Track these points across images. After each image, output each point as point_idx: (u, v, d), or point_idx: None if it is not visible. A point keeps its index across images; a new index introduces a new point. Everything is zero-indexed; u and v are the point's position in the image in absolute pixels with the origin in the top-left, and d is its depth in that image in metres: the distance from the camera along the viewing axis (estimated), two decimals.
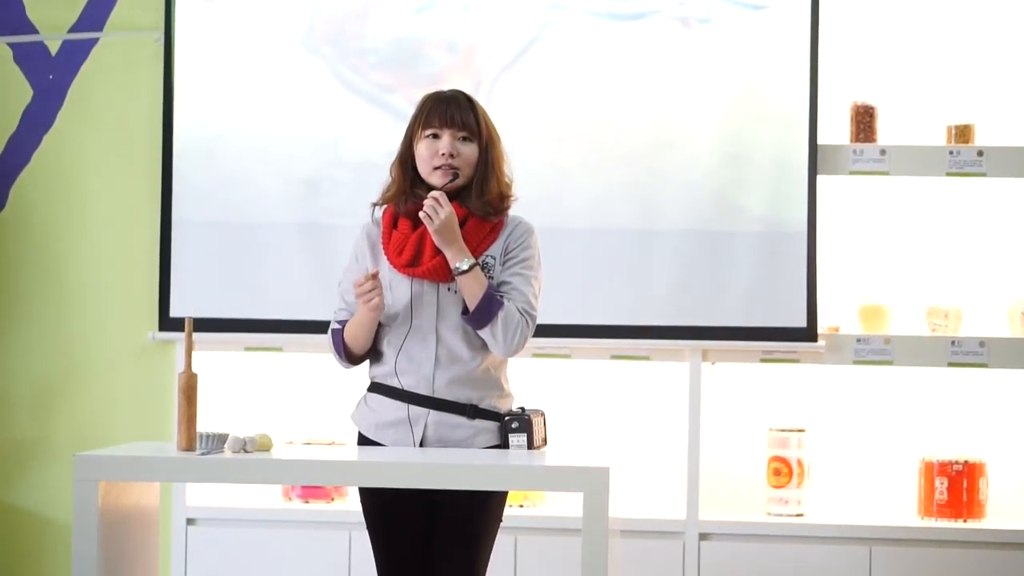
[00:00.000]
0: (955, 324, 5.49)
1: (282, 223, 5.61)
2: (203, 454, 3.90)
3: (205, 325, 5.45)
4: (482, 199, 4.06)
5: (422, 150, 4.08)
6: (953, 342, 5.43)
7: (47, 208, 5.80)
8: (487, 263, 4.06)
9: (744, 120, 5.48)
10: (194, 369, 3.99)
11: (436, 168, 4.05)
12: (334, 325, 4.15)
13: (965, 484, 5.41)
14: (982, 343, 5.42)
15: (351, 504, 5.62)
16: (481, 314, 3.98)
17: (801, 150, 5.44)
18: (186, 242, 5.64)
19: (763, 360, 5.49)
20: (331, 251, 5.56)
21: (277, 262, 5.60)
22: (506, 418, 4.07)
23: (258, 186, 5.63)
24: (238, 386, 5.73)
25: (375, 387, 4.14)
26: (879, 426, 5.66)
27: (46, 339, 5.79)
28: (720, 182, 5.48)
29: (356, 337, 4.10)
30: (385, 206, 4.17)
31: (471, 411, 4.06)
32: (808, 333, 5.42)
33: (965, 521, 5.41)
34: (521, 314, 4.01)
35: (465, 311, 4.02)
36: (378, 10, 5.62)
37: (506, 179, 4.12)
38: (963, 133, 5.47)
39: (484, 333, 4.01)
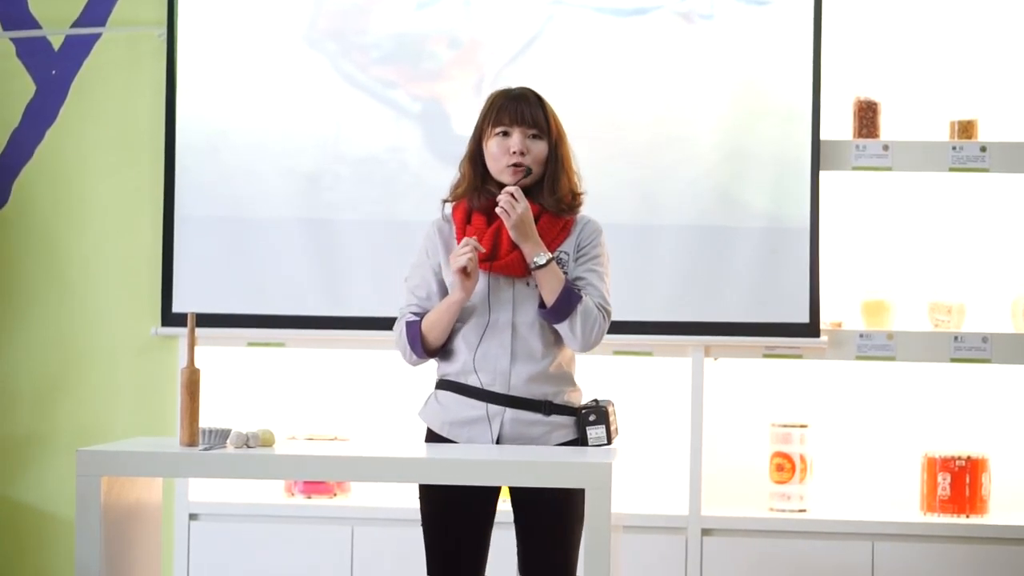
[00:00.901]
0: (958, 320, 5.49)
1: (284, 218, 5.61)
2: (205, 449, 3.91)
3: (208, 320, 5.45)
4: (554, 196, 4.08)
5: (492, 148, 4.08)
6: (956, 338, 5.43)
7: (50, 203, 5.80)
8: (561, 259, 4.08)
9: (746, 116, 5.47)
10: (197, 364, 4.00)
11: (508, 166, 4.06)
12: (408, 318, 4.13)
13: (968, 480, 5.41)
14: (985, 339, 5.42)
15: (353, 500, 5.63)
16: (560, 308, 3.99)
17: (804, 146, 5.44)
18: (189, 237, 5.64)
19: (766, 355, 5.49)
20: (333, 246, 5.57)
21: (279, 257, 5.60)
22: (583, 411, 4.08)
23: (260, 181, 5.63)
24: (240, 381, 5.74)
25: (447, 384, 4.14)
26: (882, 421, 5.66)
27: (48, 334, 5.80)
28: (723, 178, 5.48)
29: (436, 324, 4.08)
30: (455, 203, 4.16)
31: (547, 407, 4.07)
32: (811, 328, 5.42)
33: (968, 517, 5.41)
34: (598, 309, 4.03)
35: (542, 305, 4.02)
36: (380, 5, 5.62)
37: (575, 176, 4.14)
38: (966, 128, 5.47)
39: (562, 327, 4.02)
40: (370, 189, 5.60)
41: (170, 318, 5.64)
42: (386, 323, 5.49)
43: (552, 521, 4.02)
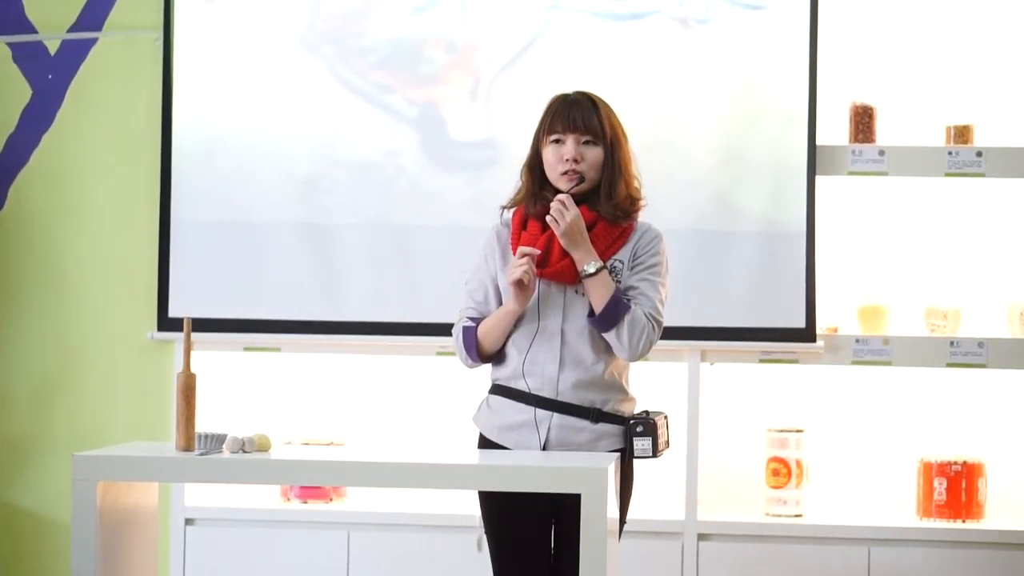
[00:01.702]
0: (954, 324, 5.49)
1: (281, 222, 5.60)
2: (202, 454, 3.90)
3: (204, 325, 5.46)
4: (611, 201, 4.08)
5: (548, 155, 4.10)
6: (952, 342, 5.43)
7: (46, 208, 5.80)
8: (615, 267, 4.08)
9: (743, 120, 5.48)
10: (193, 369, 4.00)
11: (563, 174, 4.07)
12: (465, 323, 4.15)
13: (964, 484, 5.41)
14: (981, 343, 5.42)
15: (349, 504, 5.62)
16: (607, 317, 4.00)
17: (800, 150, 5.44)
18: (185, 242, 5.64)
19: (762, 360, 5.49)
20: (330, 250, 5.57)
21: (276, 262, 5.60)
22: (631, 422, 4.08)
23: (257, 185, 5.62)
24: (236, 386, 5.73)
25: (498, 389, 4.15)
26: (878, 426, 5.66)
27: (45, 338, 5.79)
28: (719, 182, 5.48)
29: (491, 331, 4.10)
30: (514, 209, 4.17)
31: (595, 415, 4.07)
32: (807, 333, 5.42)
33: (964, 521, 5.41)
34: (647, 319, 4.02)
35: (591, 313, 4.02)
36: (377, 10, 5.62)
37: (635, 181, 4.14)
38: (962, 133, 5.47)
39: (609, 336, 4.03)
40: (367, 193, 5.59)
41: (166, 322, 5.64)
42: (382, 328, 5.53)
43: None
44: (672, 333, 5.41)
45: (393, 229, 5.57)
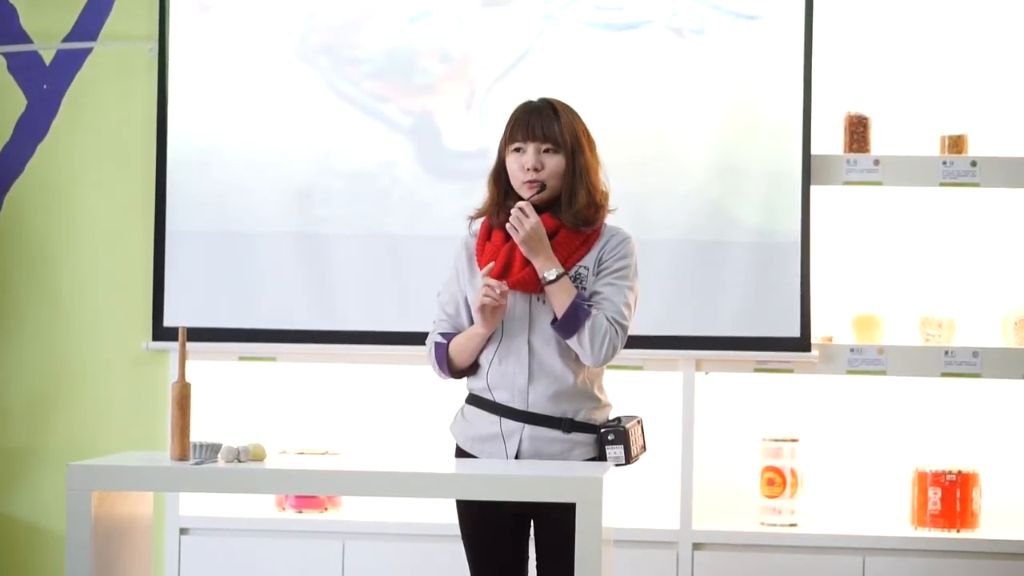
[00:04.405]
0: (948, 334, 5.49)
1: (276, 233, 5.60)
2: (196, 464, 3.90)
3: (199, 335, 5.45)
4: (571, 209, 4.06)
5: (511, 164, 4.10)
6: (946, 352, 5.43)
7: (41, 218, 5.80)
8: (580, 274, 4.06)
9: (738, 130, 5.48)
10: (187, 379, 4.00)
11: (525, 182, 4.06)
12: (436, 338, 4.15)
13: (958, 494, 5.41)
14: (975, 353, 5.42)
15: (344, 514, 5.62)
16: (568, 322, 3.99)
17: (795, 160, 5.45)
18: (180, 252, 5.64)
19: (757, 370, 5.49)
20: (325, 261, 5.57)
21: (271, 272, 5.60)
22: (602, 431, 4.07)
23: (252, 196, 5.63)
24: (231, 396, 5.73)
25: (472, 399, 4.15)
26: (872, 436, 5.66)
27: (40, 348, 5.79)
28: (714, 192, 5.48)
29: (461, 351, 4.10)
30: (482, 219, 4.17)
31: (567, 425, 4.06)
32: (802, 343, 5.42)
33: (958, 531, 5.41)
34: (610, 323, 4.00)
35: (554, 320, 4.02)
36: (372, 20, 5.63)
37: (601, 188, 4.12)
38: (956, 143, 5.48)
39: (572, 342, 4.02)
40: (361, 203, 5.60)
41: (161, 332, 5.64)
42: (377, 337, 5.54)
43: (559, 535, 3.99)
44: (667, 342, 5.44)
45: (388, 239, 5.57)
